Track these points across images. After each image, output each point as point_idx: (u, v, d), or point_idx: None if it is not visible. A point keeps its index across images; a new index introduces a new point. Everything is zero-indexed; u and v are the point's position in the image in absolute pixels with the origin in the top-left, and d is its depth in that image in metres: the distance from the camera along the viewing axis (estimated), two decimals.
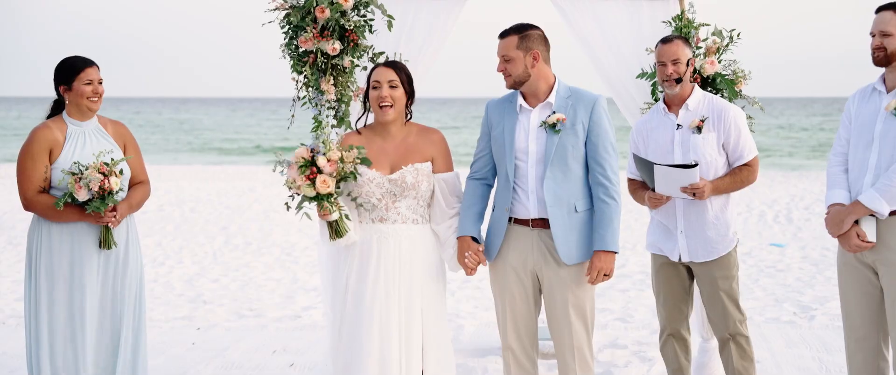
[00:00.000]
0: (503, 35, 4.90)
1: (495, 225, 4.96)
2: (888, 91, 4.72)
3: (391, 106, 4.88)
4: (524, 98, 4.95)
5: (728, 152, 5.24)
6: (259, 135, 52.29)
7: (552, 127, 4.82)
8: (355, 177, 4.83)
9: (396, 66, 4.95)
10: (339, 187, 4.84)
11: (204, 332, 8.00)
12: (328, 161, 4.76)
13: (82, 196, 4.98)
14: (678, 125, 5.25)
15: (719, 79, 5.72)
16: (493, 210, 5.01)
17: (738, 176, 5.24)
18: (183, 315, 8.68)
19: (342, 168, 4.79)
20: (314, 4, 5.53)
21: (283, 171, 4.85)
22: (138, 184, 5.28)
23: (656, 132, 5.31)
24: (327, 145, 4.82)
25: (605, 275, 4.83)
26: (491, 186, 5.04)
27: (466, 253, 4.91)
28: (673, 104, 5.31)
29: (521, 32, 4.87)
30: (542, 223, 4.86)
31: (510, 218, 4.91)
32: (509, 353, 5.02)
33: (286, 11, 5.61)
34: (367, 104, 5.01)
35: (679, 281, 5.38)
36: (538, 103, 4.91)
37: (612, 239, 4.80)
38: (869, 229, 4.69)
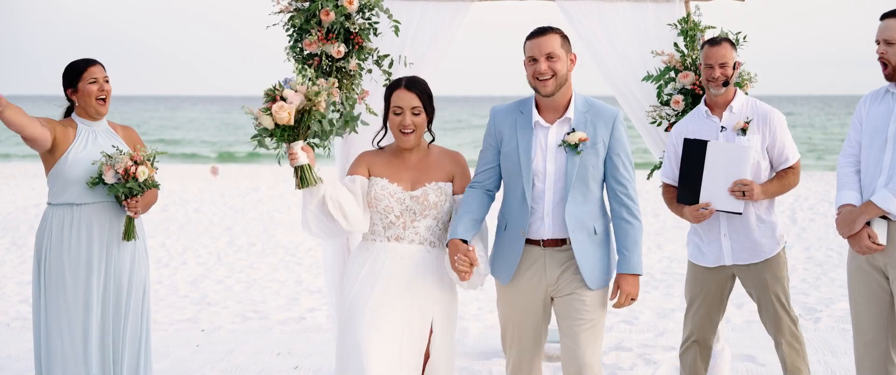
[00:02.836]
0: (543, 32, 4.53)
1: (509, 247, 4.62)
2: None
3: (413, 131, 4.66)
4: (539, 110, 4.60)
5: (772, 156, 5.23)
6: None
7: (573, 147, 4.51)
8: (327, 122, 4.57)
9: (418, 88, 4.68)
10: (307, 126, 4.51)
11: (209, 335, 8.00)
12: (295, 92, 4.46)
13: (109, 178, 5.06)
14: (722, 127, 5.25)
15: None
16: (505, 229, 4.66)
17: (785, 179, 5.25)
18: (187, 318, 8.69)
19: (309, 101, 4.47)
20: (319, 7, 5.53)
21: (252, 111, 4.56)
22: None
23: (698, 134, 5.28)
24: (299, 81, 4.54)
25: (631, 300, 4.58)
26: (493, 197, 4.71)
27: (456, 256, 4.46)
28: (716, 106, 5.31)
29: (562, 33, 4.55)
30: (554, 243, 4.57)
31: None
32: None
33: (291, 14, 5.61)
34: (386, 125, 4.76)
35: (717, 287, 5.32)
36: (556, 118, 4.57)
37: (637, 261, 4.55)
38: (880, 231, 4.66)
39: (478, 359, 6.91)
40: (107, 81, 5.24)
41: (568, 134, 4.52)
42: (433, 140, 4.81)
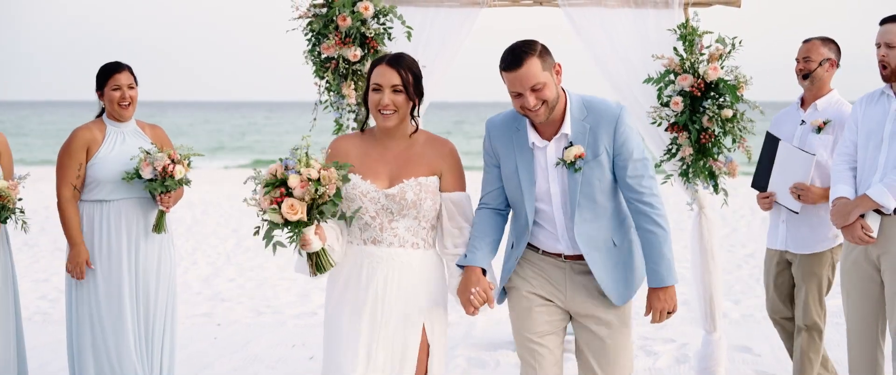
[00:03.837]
0: (518, 62, 3.97)
1: (512, 259, 4.28)
2: None
3: (394, 111, 4.11)
4: (534, 127, 4.14)
5: None
6: (262, 138, 52.49)
7: (571, 165, 4.07)
8: (335, 205, 3.93)
9: (401, 64, 4.13)
10: (320, 212, 3.93)
11: (225, 328, 8.26)
12: (301, 181, 3.87)
13: (146, 174, 5.32)
14: (802, 121, 5.59)
15: (722, 85, 5.92)
16: (512, 248, 4.30)
17: None
18: (203, 312, 8.94)
19: (318, 190, 3.87)
20: (336, 13, 5.81)
21: (255, 188, 3.96)
22: None
23: (783, 122, 5.70)
24: (303, 161, 3.92)
25: (668, 313, 4.15)
26: (506, 216, 4.30)
27: (474, 290, 4.06)
28: (806, 101, 5.66)
29: (538, 50, 4.01)
30: (577, 256, 4.19)
31: (537, 249, 4.25)
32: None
33: (309, 20, 5.90)
34: (367, 104, 4.19)
35: (775, 268, 5.73)
36: (552, 133, 4.11)
37: (667, 272, 4.09)
38: (873, 223, 4.89)
39: (486, 350, 7.16)
40: (130, 88, 5.46)
41: (565, 149, 4.09)
42: (417, 129, 4.26)
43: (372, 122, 4.29)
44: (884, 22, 4.99)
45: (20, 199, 5.24)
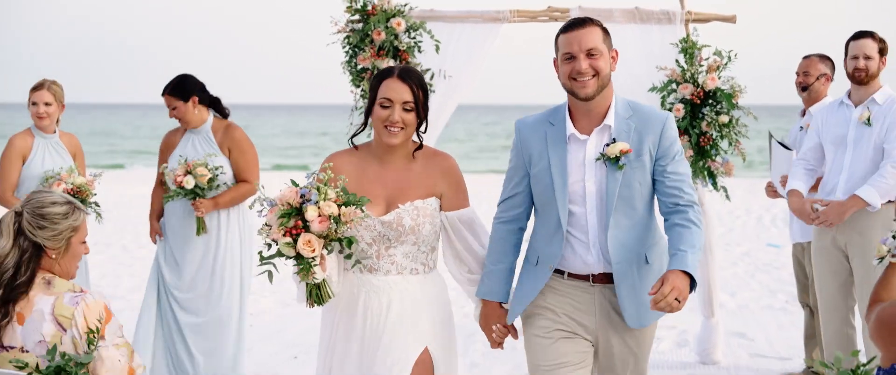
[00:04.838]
0: (582, 24, 3.70)
1: (534, 281, 3.84)
2: (855, 105, 5.61)
3: (402, 129, 3.82)
4: (573, 119, 3.77)
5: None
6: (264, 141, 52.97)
7: (614, 161, 3.68)
8: (350, 244, 3.65)
9: (412, 80, 3.84)
10: (328, 247, 3.66)
11: (256, 317, 8.82)
12: (319, 216, 3.56)
13: (169, 183, 5.90)
14: (801, 127, 6.34)
15: (719, 93, 6.45)
16: (536, 264, 3.84)
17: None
18: None
19: (335, 230, 3.60)
20: (372, 28, 6.42)
21: (262, 211, 3.64)
22: (241, 182, 5.96)
23: (792, 132, 6.43)
24: (323, 192, 3.61)
25: (676, 300, 3.47)
26: (524, 228, 3.93)
27: (495, 327, 3.89)
28: (805, 110, 6.40)
29: (602, 25, 3.75)
30: (606, 278, 3.78)
31: (562, 273, 3.82)
32: None
33: (347, 34, 6.52)
34: (369, 118, 3.90)
35: (798, 264, 6.46)
36: (594, 127, 3.74)
37: (693, 262, 3.58)
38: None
39: None
40: (173, 108, 5.87)
41: (607, 145, 3.71)
42: (420, 146, 3.96)
43: (361, 137, 4.07)
44: (859, 37, 5.62)
45: (95, 194, 5.82)
